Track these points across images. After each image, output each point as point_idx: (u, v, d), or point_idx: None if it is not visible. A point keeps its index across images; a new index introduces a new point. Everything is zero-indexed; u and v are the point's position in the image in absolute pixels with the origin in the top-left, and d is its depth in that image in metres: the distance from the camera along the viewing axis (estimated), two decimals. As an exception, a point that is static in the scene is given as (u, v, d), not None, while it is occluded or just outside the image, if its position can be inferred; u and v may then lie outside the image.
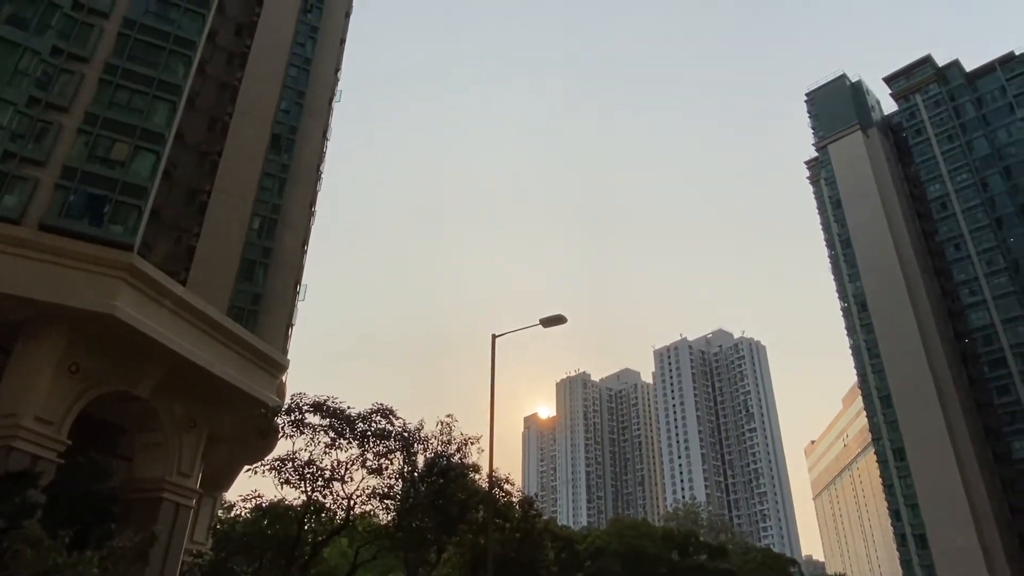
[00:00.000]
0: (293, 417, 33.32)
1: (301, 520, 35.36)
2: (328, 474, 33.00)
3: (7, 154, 30.12)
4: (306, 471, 32.75)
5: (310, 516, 36.53)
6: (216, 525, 43.44)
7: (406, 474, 34.46)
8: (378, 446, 33.70)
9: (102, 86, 33.78)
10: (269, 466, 33.30)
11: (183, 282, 36.49)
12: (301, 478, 32.77)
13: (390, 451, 33.96)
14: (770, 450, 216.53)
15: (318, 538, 37.87)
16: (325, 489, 33.23)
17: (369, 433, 33.58)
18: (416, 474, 34.64)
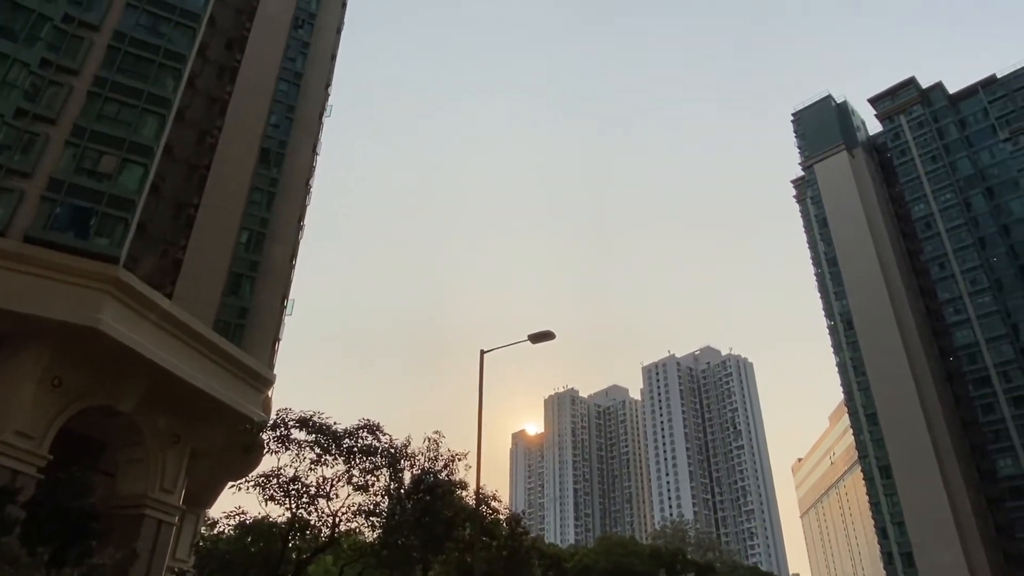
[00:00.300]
0: (279, 433, 33.06)
1: (285, 537, 34.97)
2: (313, 491, 32.73)
3: (-7, 166, 29.92)
4: (291, 488, 32.46)
5: (295, 533, 36.15)
6: (199, 542, 42.82)
7: (392, 491, 34.22)
8: (364, 462, 33.49)
9: (91, 98, 33.67)
10: (254, 482, 33.00)
11: (169, 296, 36.22)
12: (286, 495, 32.47)
13: (376, 468, 33.74)
14: (758, 468, 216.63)
15: (302, 556, 37.45)
16: (310, 506, 32.94)
17: (355, 449, 33.36)
18: (402, 491, 34.41)
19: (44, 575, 18.93)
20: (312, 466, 32.91)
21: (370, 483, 33.58)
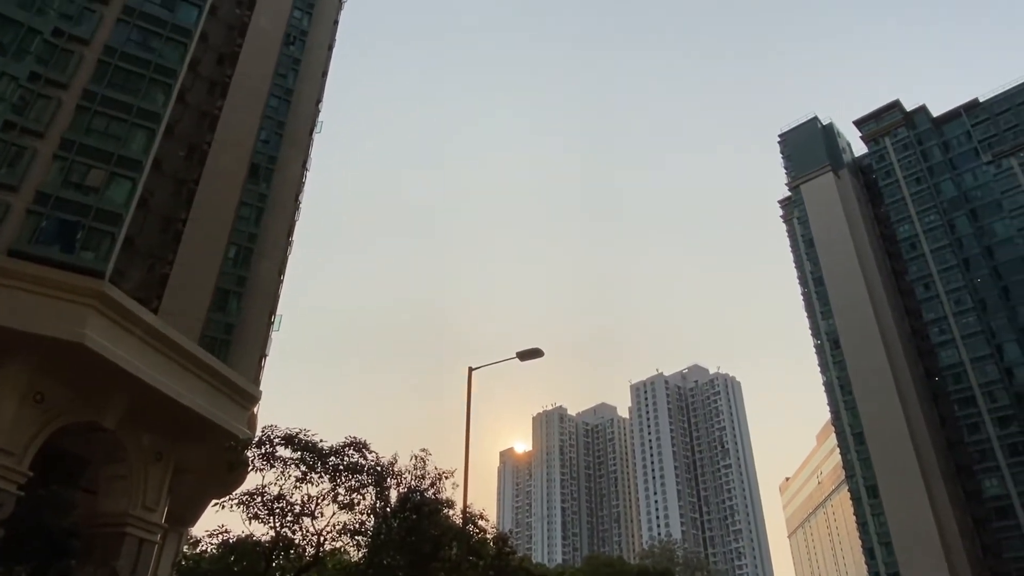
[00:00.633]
0: (264, 450, 32.63)
1: (269, 557, 34.42)
2: (298, 509, 32.27)
3: (-21, 178, 29.72)
4: (275, 506, 31.98)
5: (279, 553, 35.60)
6: (181, 561, 42.21)
7: (378, 510, 33.82)
8: (350, 481, 33.07)
9: (80, 112, 33.57)
10: (237, 500, 32.49)
11: (155, 310, 35.95)
12: (270, 513, 31.97)
13: (362, 486, 33.33)
14: (745, 487, 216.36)
15: (286, 575, 36.89)
16: (295, 525, 32.43)
17: (341, 467, 32.97)
18: (388, 510, 34.00)
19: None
20: (297, 484, 32.47)
21: (356, 502, 33.12)
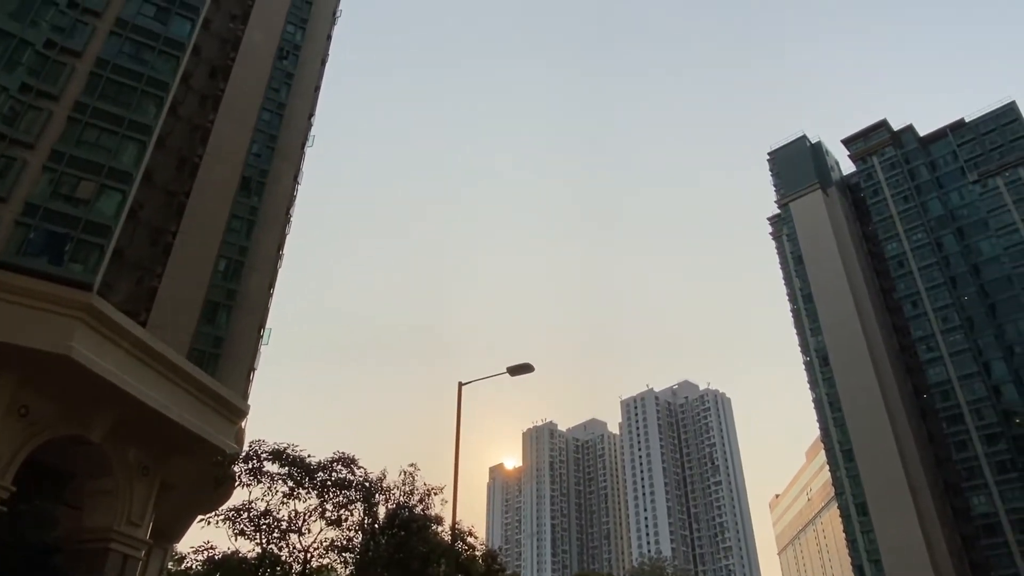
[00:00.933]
0: (251, 465, 32.36)
1: (255, 574, 34.04)
2: (285, 525, 31.96)
3: (-33, 189, 29.53)
4: (262, 522, 31.67)
5: (265, 570, 35.20)
6: (165, 578, 41.62)
7: (366, 526, 33.54)
8: (338, 496, 32.81)
9: (71, 124, 33.45)
10: (224, 516, 32.17)
11: (143, 323, 35.68)
12: (257, 529, 31.66)
13: (351, 502, 33.08)
14: (735, 503, 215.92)
15: (272, 593, 36.44)
16: (281, 541, 32.12)
17: (329, 483, 32.71)
18: (376, 526, 33.73)
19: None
20: (284, 500, 32.19)
21: (344, 518, 32.87)
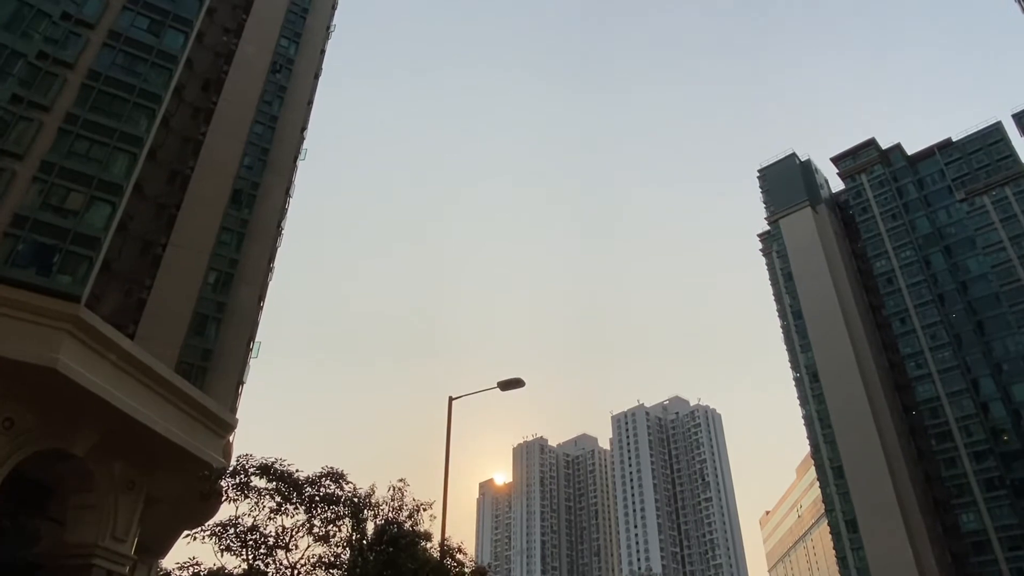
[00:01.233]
0: (238, 480, 31.98)
1: (241, 590, 33.59)
2: (272, 541, 31.56)
3: (-45, 200, 29.33)
4: (249, 537, 31.26)
5: (251, 586, 34.75)
6: (149, 595, 40.99)
7: (354, 542, 33.18)
8: (326, 512, 32.46)
9: (61, 135, 33.33)
10: (210, 531, 31.74)
11: (131, 336, 35.37)
12: (243, 545, 31.20)
13: (339, 517, 32.73)
14: (726, 520, 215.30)
15: (258, 610, 35.93)
16: (268, 557, 31.69)
17: (317, 498, 32.37)
18: (365, 542, 33.36)
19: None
20: (271, 515, 31.80)
21: (332, 533, 32.44)
